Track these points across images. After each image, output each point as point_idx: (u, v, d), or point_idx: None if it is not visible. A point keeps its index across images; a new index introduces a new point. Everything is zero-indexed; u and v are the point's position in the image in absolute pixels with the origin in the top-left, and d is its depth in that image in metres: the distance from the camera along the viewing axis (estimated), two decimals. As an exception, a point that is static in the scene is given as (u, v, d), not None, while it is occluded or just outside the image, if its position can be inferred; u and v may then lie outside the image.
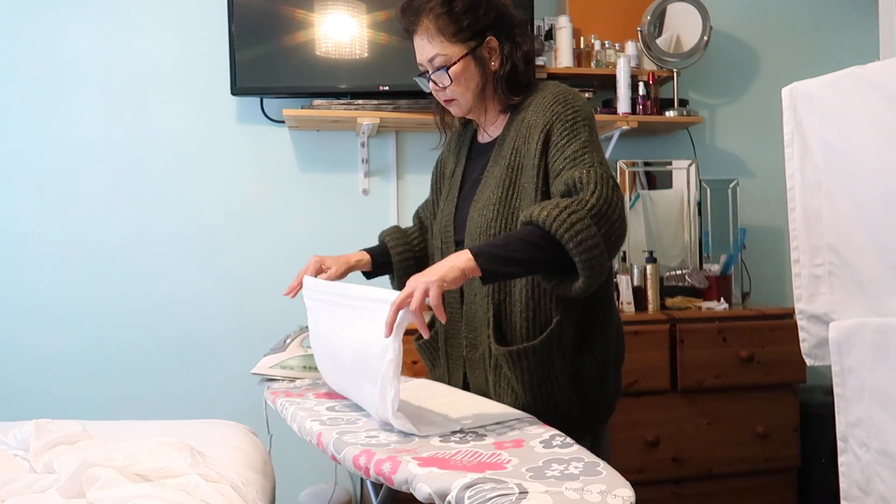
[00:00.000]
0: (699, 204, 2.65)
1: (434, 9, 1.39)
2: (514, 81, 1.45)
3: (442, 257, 1.53)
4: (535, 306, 1.36)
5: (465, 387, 1.51)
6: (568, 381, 1.37)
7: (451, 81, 1.42)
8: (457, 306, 1.51)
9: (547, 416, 1.27)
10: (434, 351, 1.62)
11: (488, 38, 1.42)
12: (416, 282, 1.15)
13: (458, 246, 1.48)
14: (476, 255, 1.19)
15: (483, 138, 1.54)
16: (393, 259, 1.67)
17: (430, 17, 1.40)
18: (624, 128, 2.56)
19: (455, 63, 1.41)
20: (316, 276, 1.55)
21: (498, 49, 1.43)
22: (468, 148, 1.58)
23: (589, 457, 1.02)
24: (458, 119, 1.60)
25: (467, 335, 1.49)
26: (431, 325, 1.65)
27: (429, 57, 1.43)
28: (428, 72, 1.45)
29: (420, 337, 1.66)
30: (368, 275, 1.70)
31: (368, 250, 1.68)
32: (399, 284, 1.67)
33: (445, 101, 1.48)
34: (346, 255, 1.64)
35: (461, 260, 1.19)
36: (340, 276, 1.60)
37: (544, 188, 1.35)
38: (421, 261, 1.69)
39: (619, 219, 1.25)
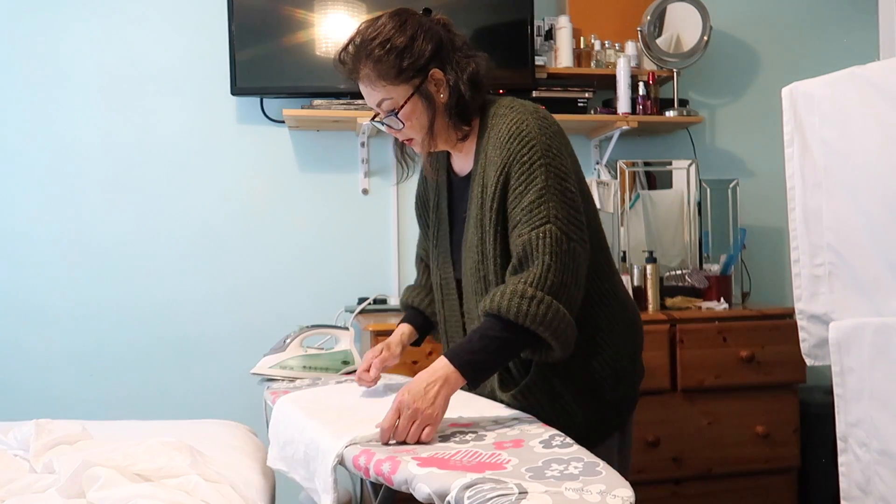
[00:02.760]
0: (699, 204, 2.64)
1: (371, 54, 1.33)
2: (462, 110, 1.38)
3: (441, 294, 1.53)
4: None
5: None
6: (577, 392, 1.36)
7: (403, 124, 1.38)
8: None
9: (569, 429, 1.24)
10: None
11: (432, 71, 1.35)
12: (406, 411, 1.15)
13: (458, 284, 1.47)
14: (461, 368, 1.20)
15: (458, 169, 1.50)
16: (431, 319, 1.64)
17: (369, 64, 1.34)
18: (624, 128, 2.56)
19: (403, 106, 1.35)
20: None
21: (444, 79, 1.36)
22: (447, 179, 1.53)
23: (588, 457, 1.02)
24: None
25: None
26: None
27: (376, 102, 1.38)
28: (379, 114, 1.41)
29: None
30: (416, 343, 1.67)
31: (407, 322, 1.65)
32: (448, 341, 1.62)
33: (405, 140, 1.44)
34: (392, 341, 1.60)
35: (452, 386, 1.19)
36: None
37: (503, 232, 1.33)
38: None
39: (573, 282, 1.26)
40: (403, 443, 1.14)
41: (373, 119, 1.44)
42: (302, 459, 1.25)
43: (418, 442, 1.14)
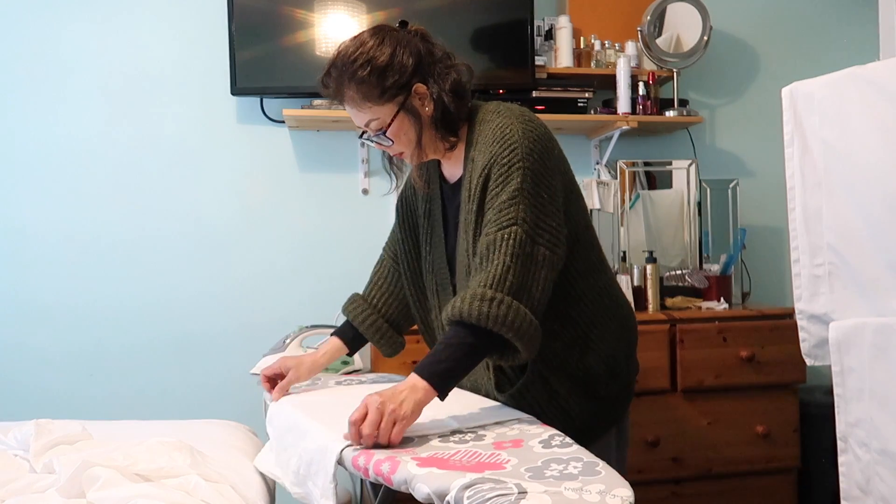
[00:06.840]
0: (699, 204, 2.64)
1: (354, 75, 1.33)
2: (448, 121, 1.38)
3: (438, 300, 1.52)
4: None
5: None
6: (572, 388, 1.36)
7: (393, 142, 1.39)
8: None
9: (566, 426, 1.25)
10: None
11: (415, 86, 1.35)
12: (375, 405, 1.13)
13: (453, 289, 1.46)
14: (430, 380, 1.18)
15: (448, 176, 1.50)
16: (360, 330, 1.61)
17: (352, 86, 1.34)
18: (624, 128, 2.56)
19: (390, 124, 1.36)
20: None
21: (427, 92, 1.37)
22: (439, 187, 1.53)
23: (588, 457, 1.02)
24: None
25: (469, 377, 1.46)
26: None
27: (364, 123, 1.39)
28: (368, 133, 1.41)
29: None
30: (350, 354, 1.65)
31: (336, 333, 1.62)
32: (387, 350, 1.62)
33: (395, 154, 1.45)
34: (315, 354, 1.58)
35: (421, 394, 1.16)
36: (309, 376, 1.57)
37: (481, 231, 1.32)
38: (391, 317, 1.63)
39: (535, 284, 1.23)
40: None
41: (361, 136, 1.45)
42: (295, 464, 1.25)
43: (388, 443, 1.11)
